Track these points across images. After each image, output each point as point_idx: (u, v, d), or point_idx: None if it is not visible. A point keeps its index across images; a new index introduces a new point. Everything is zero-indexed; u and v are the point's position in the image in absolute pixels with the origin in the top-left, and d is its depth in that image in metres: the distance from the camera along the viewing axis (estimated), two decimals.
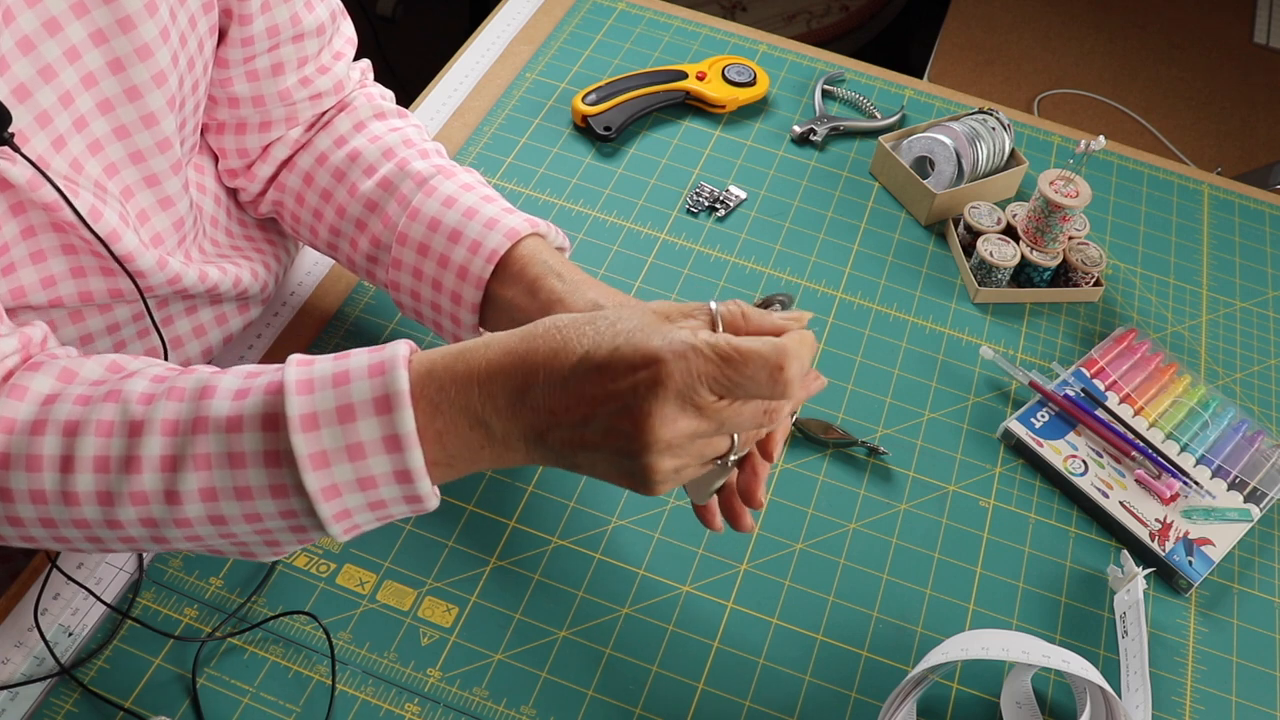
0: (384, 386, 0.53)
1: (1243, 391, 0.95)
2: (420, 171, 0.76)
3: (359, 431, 0.53)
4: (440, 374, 0.55)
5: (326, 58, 0.79)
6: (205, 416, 0.56)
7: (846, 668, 0.75)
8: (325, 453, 0.54)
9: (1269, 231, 1.10)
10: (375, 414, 0.53)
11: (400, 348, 0.55)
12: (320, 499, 0.54)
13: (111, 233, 0.65)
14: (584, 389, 0.53)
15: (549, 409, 0.54)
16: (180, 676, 0.69)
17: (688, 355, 0.52)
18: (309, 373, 0.55)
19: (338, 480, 0.54)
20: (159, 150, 0.69)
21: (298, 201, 0.81)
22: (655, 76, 1.10)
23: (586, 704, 0.71)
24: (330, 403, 0.54)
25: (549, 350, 0.54)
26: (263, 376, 0.57)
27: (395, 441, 0.53)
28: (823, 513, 0.82)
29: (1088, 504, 0.84)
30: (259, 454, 0.55)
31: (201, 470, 0.56)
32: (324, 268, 0.93)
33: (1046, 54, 1.79)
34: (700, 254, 0.98)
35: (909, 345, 0.94)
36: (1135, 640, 0.75)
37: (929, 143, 1.04)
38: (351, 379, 0.54)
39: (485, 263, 0.71)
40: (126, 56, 0.63)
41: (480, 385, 0.54)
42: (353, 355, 0.56)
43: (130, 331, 0.75)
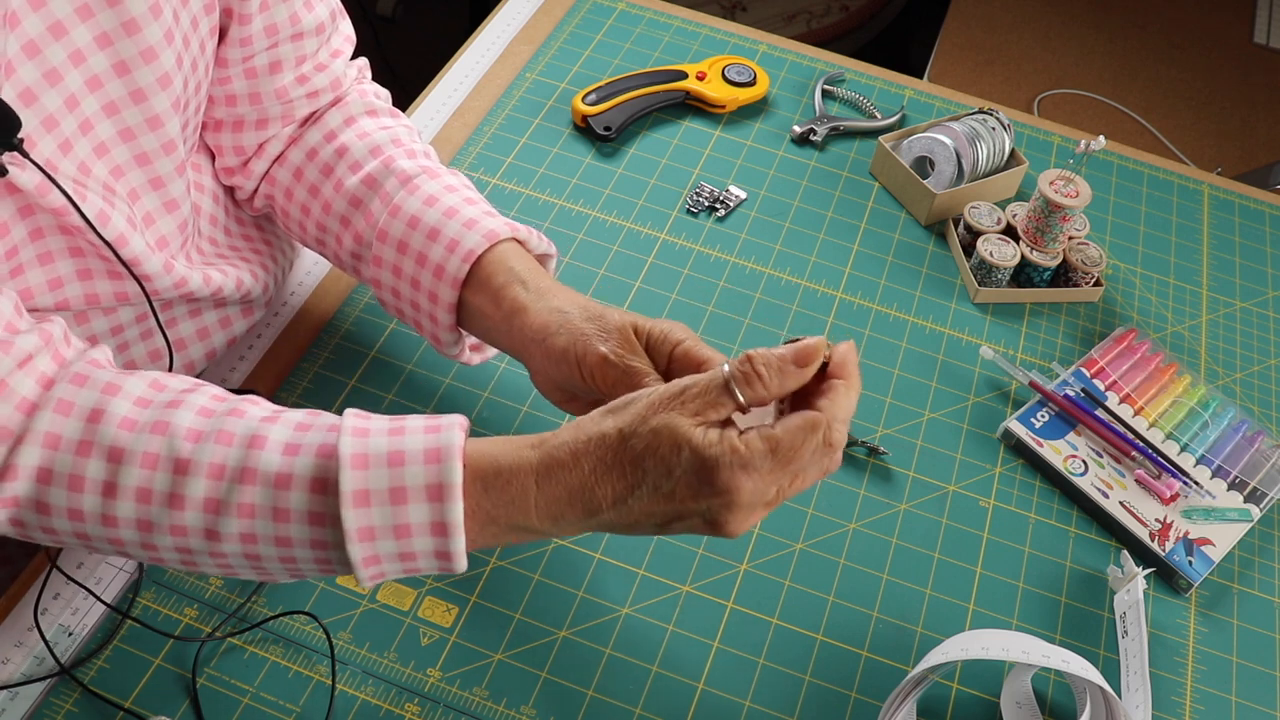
0: (438, 475, 0.56)
1: (1243, 391, 0.95)
2: (405, 170, 0.76)
3: (408, 514, 0.56)
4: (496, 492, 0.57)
5: (324, 56, 0.79)
6: (254, 469, 0.57)
7: (846, 668, 0.75)
8: (373, 528, 0.56)
9: (1269, 231, 1.10)
10: (427, 500, 0.56)
11: (455, 435, 0.57)
12: (360, 565, 0.56)
13: (119, 236, 0.66)
14: (655, 509, 0.56)
15: (621, 524, 0.58)
16: (180, 676, 0.69)
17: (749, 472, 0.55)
18: (364, 447, 0.56)
19: (380, 552, 0.56)
20: (164, 152, 0.69)
21: (287, 196, 0.80)
22: (655, 76, 1.10)
23: (586, 704, 0.71)
24: (384, 483, 0.55)
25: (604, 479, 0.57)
26: (313, 432, 0.59)
27: (442, 528, 0.56)
28: (823, 513, 0.82)
29: (1088, 504, 0.84)
30: (304, 512, 0.57)
31: (244, 518, 0.57)
32: (323, 268, 0.93)
33: (1046, 54, 1.79)
34: (700, 254, 0.98)
35: (909, 345, 0.94)
36: (1135, 640, 0.75)
37: (929, 143, 1.04)
38: (406, 461, 0.56)
39: (461, 262, 0.71)
40: (131, 59, 0.63)
41: (536, 511, 0.57)
42: (408, 432, 0.57)
43: (134, 333, 0.75)
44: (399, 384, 0.85)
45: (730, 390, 0.56)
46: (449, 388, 0.86)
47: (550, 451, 0.57)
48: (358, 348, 0.87)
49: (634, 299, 0.93)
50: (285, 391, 0.84)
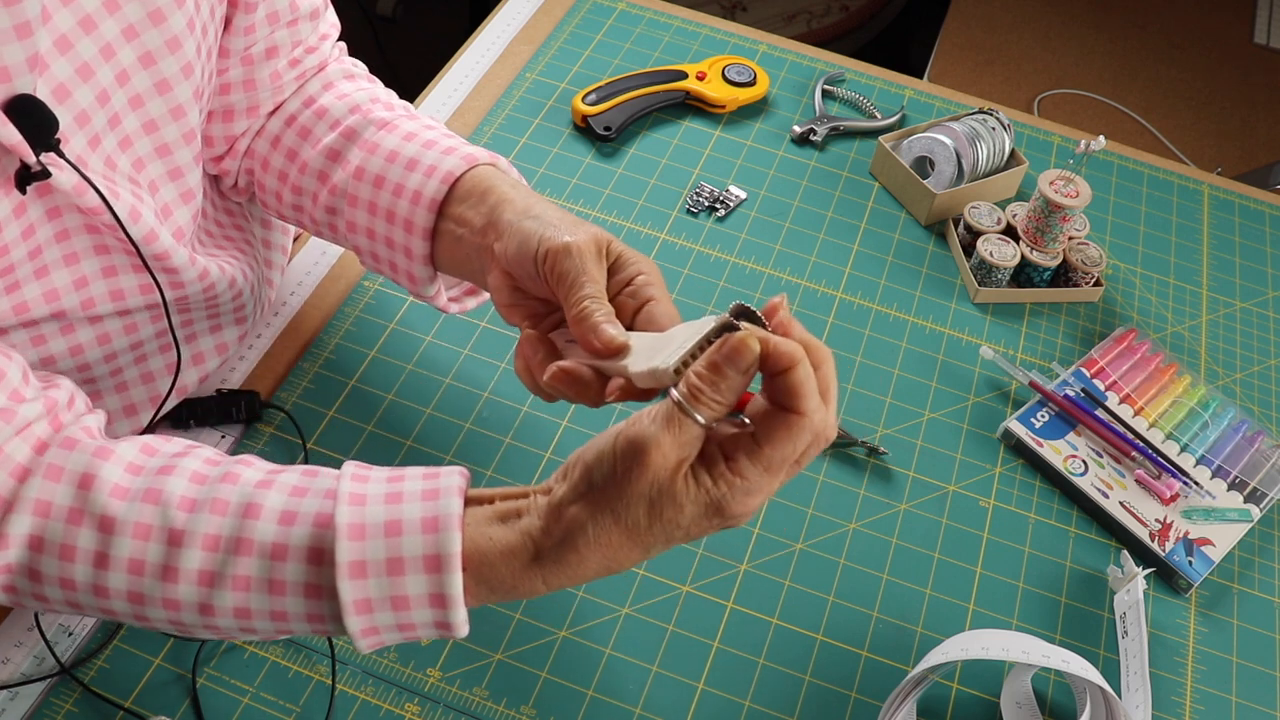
0: (436, 546, 0.54)
1: (1243, 391, 0.95)
2: (383, 117, 0.75)
3: (406, 585, 0.54)
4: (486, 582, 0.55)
5: (314, 39, 0.80)
6: (250, 539, 0.56)
7: (846, 668, 0.75)
8: (370, 600, 0.54)
9: (1269, 231, 1.10)
10: (424, 572, 0.54)
11: (454, 502, 0.55)
12: (359, 637, 0.55)
13: (149, 233, 0.65)
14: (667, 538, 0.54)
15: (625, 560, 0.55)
16: (180, 676, 0.69)
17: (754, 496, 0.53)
18: (361, 516, 0.55)
19: (378, 624, 0.55)
20: (184, 142, 0.69)
21: (264, 167, 0.79)
22: (655, 76, 1.10)
23: (586, 704, 0.71)
24: (380, 554, 0.54)
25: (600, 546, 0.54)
26: (309, 498, 0.57)
27: (441, 600, 0.54)
28: (823, 513, 0.82)
29: (1088, 504, 0.84)
30: (300, 584, 0.56)
31: (239, 591, 0.56)
32: (323, 268, 0.93)
33: (1046, 54, 1.79)
34: (700, 254, 0.98)
35: (909, 345, 0.94)
36: (1135, 640, 0.75)
37: (929, 143, 1.04)
38: (404, 530, 0.54)
39: (440, 184, 0.69)
40: (157, 50, 0.63)
41: (545, 578, 0.55)
42: (405, 499, 0.55)
43: (153, 346, 0.75)
44: (399, 384, 0.85)
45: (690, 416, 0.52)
46: (449, 388, 0.86)
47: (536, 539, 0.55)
48: (358, 348, 0.87)
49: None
50: (285, 391, 0.84)
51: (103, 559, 0.57)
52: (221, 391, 0.82)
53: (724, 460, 0.53)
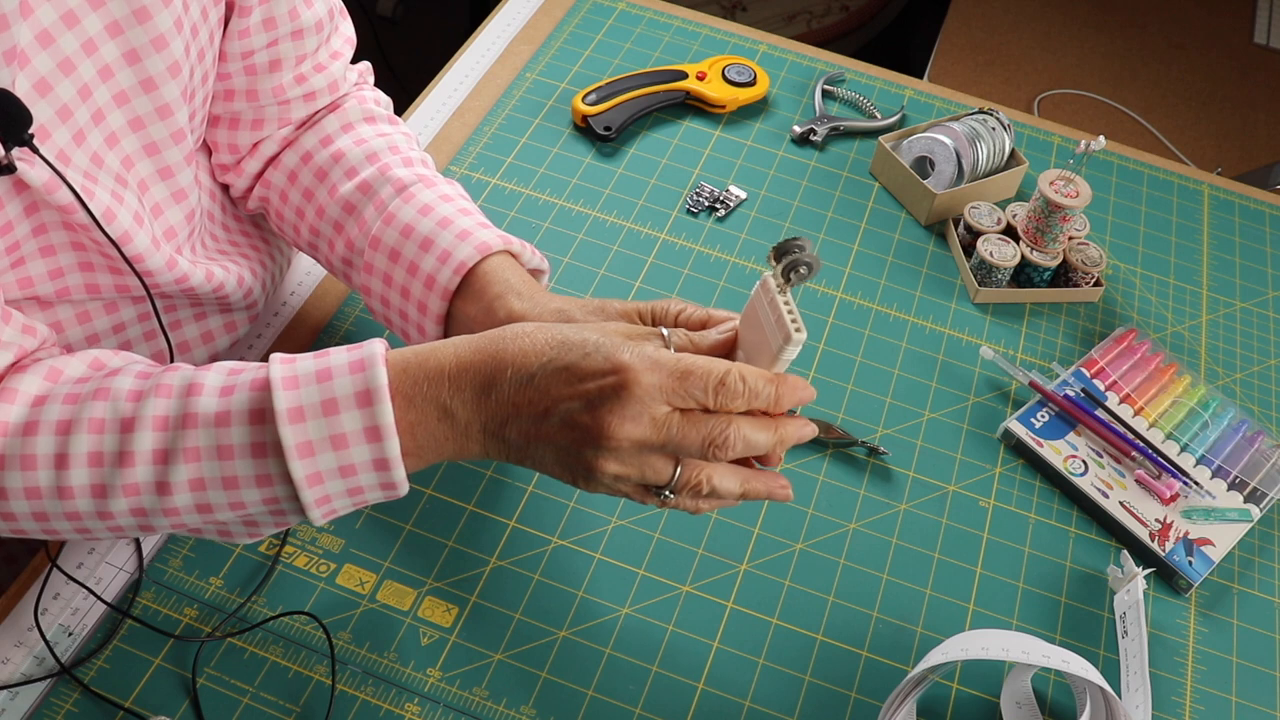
0: (365, 382, 0.57)
1: (1243, 391, 0.95)
2: (400, 178, 0.76)
3: (342, 423, 0.57)
4: (414, 370, 0.59)
5: (324, 56, 0.79)
6: (194, 413, 0.59)
7: (846, 668, 0.75)
8: (310, 443, 0.57)
9: (1269, 231, 1.10)
10: (358, 407, 0.57)
11: (376, 346, 0.59)
12: (305, 485, 0.58)
13: (124, 234, 0.66)
14: (549, 386, 0.58)
15: (512, 402, 0.58)
16: (180, 676, 0.69)
17: (652, 368, 0.57)
18: (293, 370, 0.59)
19: (321, 468, 0.58)
20: (173, 141, 0.69)
21: (281, 199, 0.80)
22: (655, 76, 1.10)
23: (586, 704, 0.71)
24: (315, 397, 0.57)
25: (518, 350, 0.59)
26: (246, 374, 0.60)
27: (375, 432, 0.57)
28: (823, 513, 0.82)
29: (1088, 504, 0.84)
30: (246, 445, 0.58)
31: (191, 462, 0.59)
32: (320, 272, 0.93)
33: (1046, 54, 1.79)
34: (700, 254, 0.98)
35: (909, 345, 0.94)
36: (1135, 640, 0.75)
37: (929, 143, 1.04)
38: (334, 375, 0.58)
39: (453, 274, 0.71)
40: (142, 47, 0.63)
41: (450, 379, 0.59)
42: (332, 353, 0.59)
43: (136, 332, 0.75)
44: None
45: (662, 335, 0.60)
46: None
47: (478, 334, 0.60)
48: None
49: (634, 299, 0.93)
50: None
51: (63, 460, 0.59)
52: None
53: None
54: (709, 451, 0.58)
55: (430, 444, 0.60)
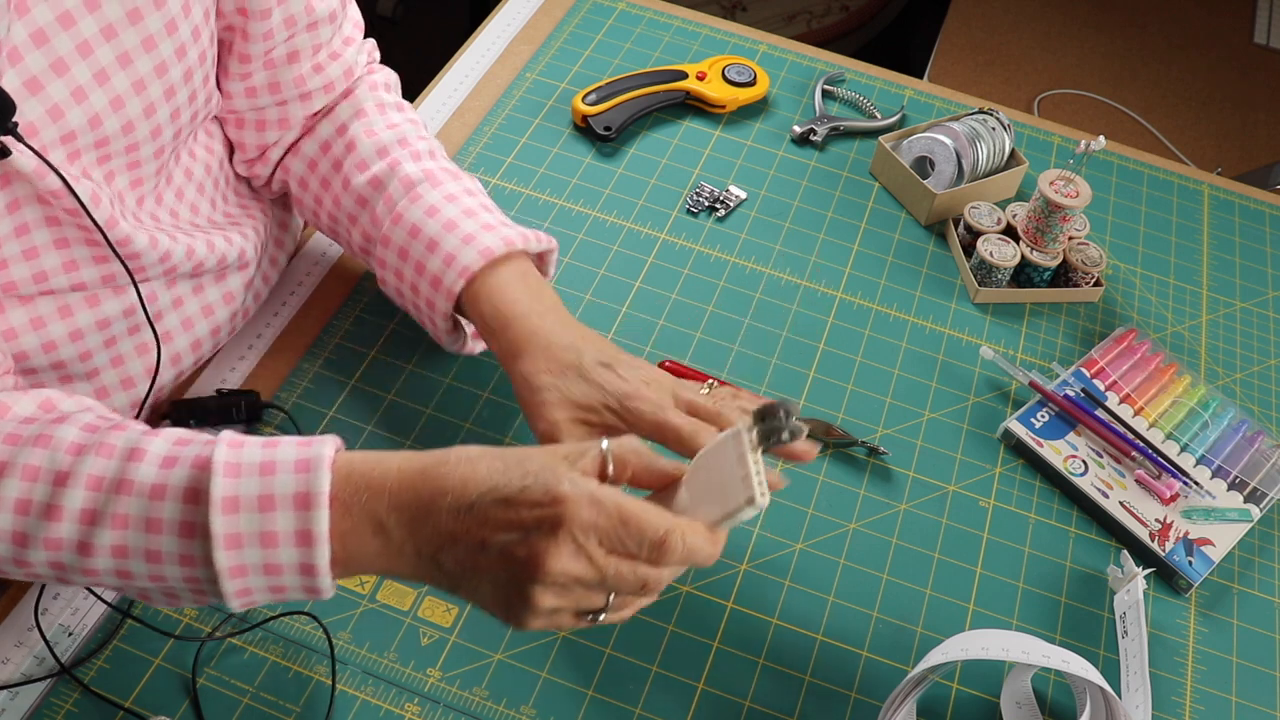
0: (307, 484, 0.56)
1: (1243, 391, 0.95)
2: (409, 175, 0.78)
3: (275, 521, 0.56)
4: (357, 479, 0.57)
5: (338, 43, 0.81)
6: (131, 480, 0.58)
7: (846, 668, 0.75)
8: (240, 535, 0.56)
9: (1269, 231, 1.10)
10: (294, 509, 0.56)
11: (327, 447, 0.58)
12: (226, 576, 0.56)
13: (110, 218, 0.66)
14: (487, 516, 0.55)
15: (449, 531, 0.56)
16: (180, 676, 0.69)
17: (590, 505, 0.54)
18: (238, 456, 0.57)
19: (246, 562, 0.56)
20: (151, 138, 0.69)
21: (301, 186, 0.84)
22: (655, 76, 1.10)
23: (586, 704, 0.71)
24: (254, 489, 0.56)
25: (459, 478, 0.56)
26: (192, 447, 0.59)
27: (307, 537, 0.56)
28: (823, 513, 0.82)
29: (1088, 504, 0.84)
30: (176, 523, 0.57)
31: (118, 529, 0.58)
32: (324, 268, 0.93)
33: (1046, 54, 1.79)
34: (700, 254, 0.98)
35: (909, 345, 0.94)
36: (1135, 640, 0.75)
37: (929, 143, 1.04)
38: (277, 470, 0.57)
39: (458, 277, 0.74)
40: (134, 49, 0.64)
41: (390, 496, 0.57)
42: (281, 444, 0.58)
43: (121, 328, 0.75)
44: (399, 384, 0.85)
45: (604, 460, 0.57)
46: (449, 388, 0.86)
47: (421, 455, 0.58)
48: (358, 348, 0.87)
49: (634, 299, 0.93)
50: (285, 391, 0.84)
51: None
52: (221, 391, 0.82)
53: None
54: (642, 591, 0.57)
55: (360, 557, 0.58)
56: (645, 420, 0.69)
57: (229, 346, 0.86)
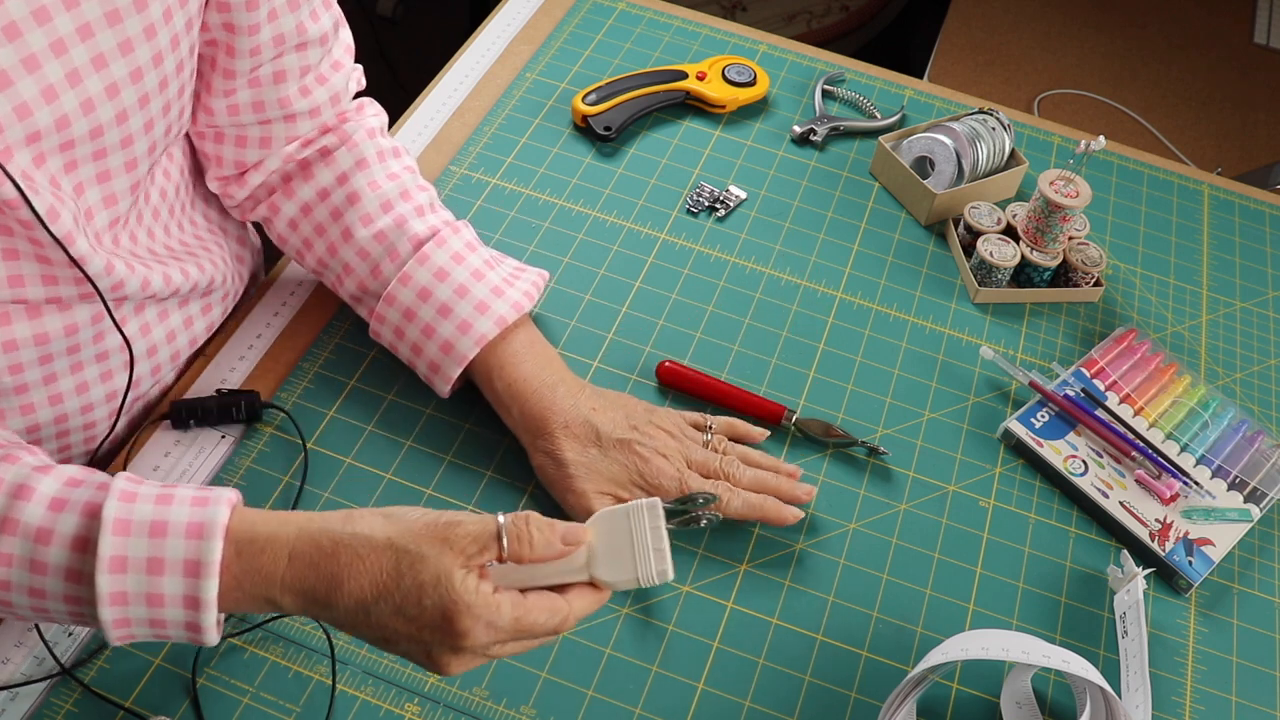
0: (197, 552, 0.56)
1: (1243, 391, 0.95)
2: (418, 234, 0.80)
3: (163, 585, 0.56)
4: (247, 557, 0.58)
5: (326, 67, 0.80)
6: (16, 519, 0.57)
7: (846, 668, 0.75)
8: (126, 594, 0.56)
9: (1269, 231, 1.10)
10: (183, 575, 0.56)
11: (221, 512, 0.57)
12: (110, 627, 0.57)
13: (67, 234, 0.63)
14: (385, 621, 0.57)
15: (350, 623, 0.58)
16: (180, 676, 0.69)
17: (487, 629, 0.57)
18: (129, 512, 0.57)
19: (130, 615, 0.57)
20: (120, 147, 0.67)
21: (290, 227, 0.84)
22: (655, 76, 1.10)
23: (586, 704, 0.71)
24: (142, 552, 0.56)
25: (351, 575, 0.57)
26: (83, 490, 0.59)
27: (194, 602, 0.57)
28: (823, 513, 0.82)
29: (1088, 504, 0.84)
30: (62, 568, 0.57)
31: (1, 566, 0.57)
32: None
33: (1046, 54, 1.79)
34: (700, 254, 0.98)
35: (909, 345, 0.94)
36: (1135, 640, 0.75)
37: (929, 143, 1.04)
38: (169, 533, 0.57)
39: (474, 345, 0.78)
40: (109, 52, 0.62)
41: (282, 582, 0.58)
42: (175, 501, 0.58)
43: (88, 335, 0.72)
44: (399, 384, 0.85)
45: (500, 541, 0.57)
46: None
47: (312, 535, 0.58)
48: (358, 348, 0.87)
49: (634, 299, 0.93)
50: (285, 391, 0.84)
51: None
52: (221, 391, 0.82)
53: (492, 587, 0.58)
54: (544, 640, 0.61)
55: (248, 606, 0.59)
56: (669, 496, 0.77)
57: (229, 346, 0.86)
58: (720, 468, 0.79)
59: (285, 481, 0.79)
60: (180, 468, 0.79)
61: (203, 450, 0.80)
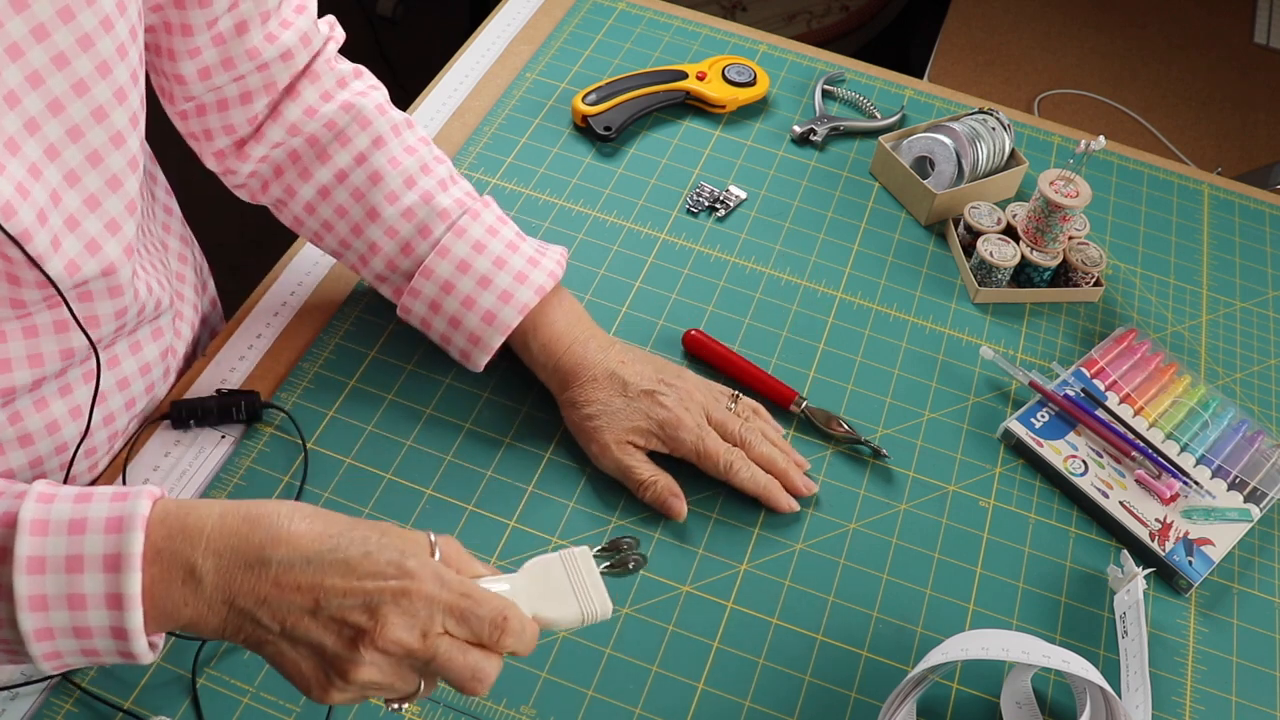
0: (117, 545, 0.53)
1: (1243, 391, 0.95)
2: (446, 209, 0.81)
3: (84, 584, 0.53)
4: (171, 522, 0.54)
5: (288, 11, 0.79)
6: None
7: (846, 668, 0.75)
8: (45, 597, 0.53)
9: (1269, 231, 1.10)
10: (103, 570, 0.53)
11: (143, 504, 0.54)
12: (33, 639, 0.53)
13: (24, 232, 0.59)
14: (325, 576, 0.54)
15: (277, 583, 0.54)
16: (180, 676, 0.69)
17: (436, 580, 0.55)
18: (46, 513, 0.54)
19: (53, 624, 0.53)
20: (113, 146, 0.64)
21: (307, 210, 0.83)
22: (655, 76, 1.10)
23: (586, 704, 0.71)
24: (61, 550, 0.53)
25: (293, 531, 0.54)
26: (0, 501, 0.55)
27: (117, 600, 0.53)
28: (823, 513, 0.82)
29: (1088, 504, 0.84)
30: None
31: None
32: (323, 269, 0.93)
33: (1046, 54, 1.79)
34: (700, 254, 0.98)
35: (909, 345, 0.94)
36: (1135, 640, 0.75)
37: (929, 143, 1.04)
38: (87, 529, 0.53)
39: (516, 313, 0.80)
40: (69, 49, 0.59)
41: (207, 540, 0.54)
42: (94, 499, 0.55)
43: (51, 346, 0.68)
44: (399, 384, 0.85)
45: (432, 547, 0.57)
46: (449, 388, 0.86)
47: (248, 505, 0.55)
48: (358, 348, 0.87)
49: (634, 299, 0.93)
50: (285, 391, 0.84)
51: None
52: (221, 391, 0.82)
53: None
54: (469, 685, 0.56)
55: (166, 607, 0.54)
56: (686, 447, 0.79)
57: (229, 346, 0.86)
58: (739, 432, 0.81)
59: (285, 481, 0.79)
60: (180, 468, 0.79)
61: (203, 450, 0.80)
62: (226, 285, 0.99)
